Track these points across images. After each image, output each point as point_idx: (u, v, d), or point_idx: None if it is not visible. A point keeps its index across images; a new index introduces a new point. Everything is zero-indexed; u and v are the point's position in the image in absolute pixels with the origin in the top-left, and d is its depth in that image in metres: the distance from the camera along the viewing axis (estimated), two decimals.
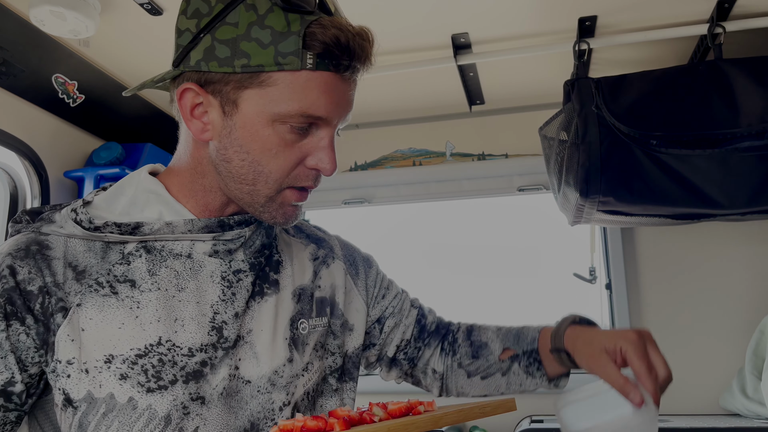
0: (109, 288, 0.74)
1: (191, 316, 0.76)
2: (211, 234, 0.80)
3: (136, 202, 0.80)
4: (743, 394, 1.64)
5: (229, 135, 0.75)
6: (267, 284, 0.85)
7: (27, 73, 1.48)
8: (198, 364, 0.75)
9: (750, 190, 1.32)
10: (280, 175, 0.76)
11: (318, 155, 0.76)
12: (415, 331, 1.03)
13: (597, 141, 1.38)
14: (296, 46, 0.70)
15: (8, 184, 1.69)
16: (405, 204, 2.19)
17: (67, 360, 0.71)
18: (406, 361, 1.04)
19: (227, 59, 0.72)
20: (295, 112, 0.73)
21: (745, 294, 1.82)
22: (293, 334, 0.84)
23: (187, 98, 0.76)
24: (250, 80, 0.72)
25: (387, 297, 1.03)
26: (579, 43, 1.49)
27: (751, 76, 1.34)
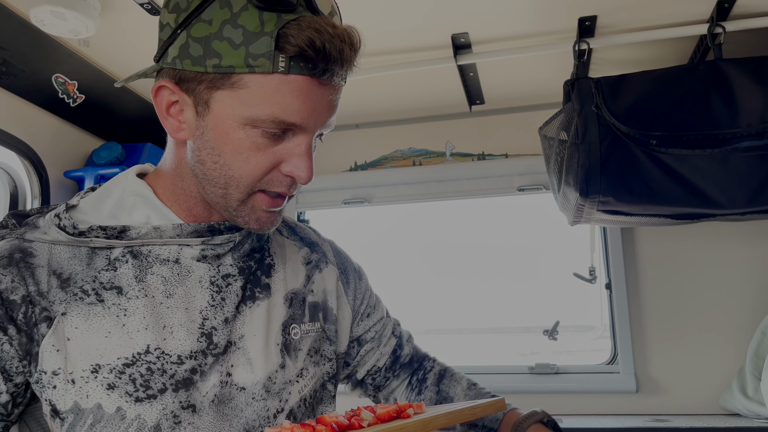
0: (95, 296, 0.72)
1: (180, 323, 0.74)
2: (200, 239, 0.78)
3: (122, 206, 0.78)
4: (743, 394, 1.64)
5: (202, 136, 0.73)
6: (258, 288, 0.83)
7: (27, 73, 1.48)
8: (187, 371, 0.73)
9: (750, 190, 1.32)
10: (251, 180, 0.73)
11: (293, 162, 0.73)
12: (389, 361, 1.03)
13: (597, 141, 1.38)
14: (268, 47, 0.67)
15: (8, 184, 1.69)
16: (405, 204, 2.19)
17: (52, 371, 0.69)
18: (372, 387, 1.04)
19: (200, 58, 0.69)
20: (267, 117, 0.69)
21: (745, 294, 1.82)
22: (285, 339, 0.82)
23: (162, 96, 0.75)
24: (221, 81, 0.69)
25: (372, 317, 1.01)
26: (579, 43, 1.49)
27: (751, 76, 1.34)
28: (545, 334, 2.00)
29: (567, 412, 1.88)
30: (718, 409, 1.78)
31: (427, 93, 1.91)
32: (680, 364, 1.84)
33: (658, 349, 1.86)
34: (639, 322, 1.88)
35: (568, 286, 2.08)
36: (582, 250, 2.03)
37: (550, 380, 1.93)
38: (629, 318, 1.87)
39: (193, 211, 0.80)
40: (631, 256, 1.91)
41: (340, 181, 2.16)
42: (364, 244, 2.47)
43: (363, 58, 1.63)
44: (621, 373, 1.86)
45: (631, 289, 1.90)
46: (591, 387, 1.89)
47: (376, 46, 1.57)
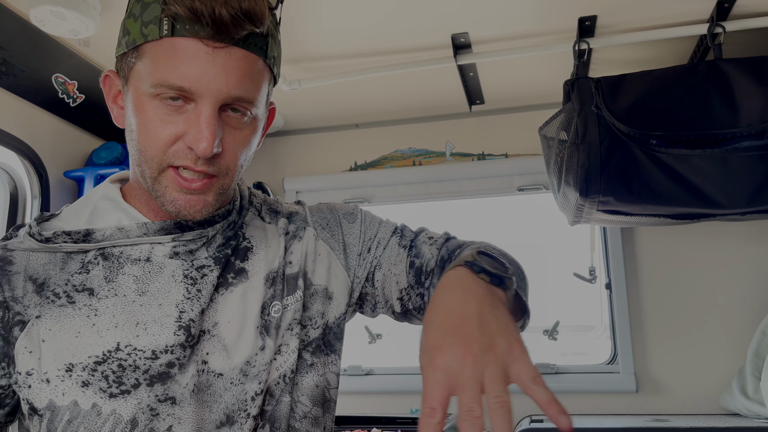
0: (66, 298, 0.75)
1: (153, 319, 0.75)
2: (170, 236, 0.78)
3: (96, 211, 0.80)
4: (743, 394, 1.64)
5: (126, 114, 0.76)
6: (232, 273, 0.82)
7: (27, 73, 1.48)
8: (164, 365, 0.74)
9: (750, 190, 1.32)
10: (156, 152, 0.72)
11: (192, 132, 0.70)
12: (411, 278, 0.88)
13: (597, 141, 1.38)
14: (155, 13, 0.69)
15: (8, 184, 1.69)
16: (405, 204, 2.19)
17: (26, 371, 0.72)
18: (417, 312, 0.89)
19: (120, 40, 0.74)
20: (159, 81, 0.69)
21: (745, 294, 1.82)
22: (265, 321, 0.81)
23: (108, 85, 0.78)
24: (132, 56, 0.72)
25: (372, 249, 0.92)
26: (579, 42, 1.49)
27: (751, 76, 1.34)
28: (545, 334, 2.00)
29: (567, 411, 1.88)
30: (718, 409, 1.78)
31: (427, 93, 1.91)
32: (680, 364, 1.84)
33: (658, 349, 1.86)
34: (639, 322, 1.88)
35: (568, 286, 2.08)
36: (582, 250, 2.03)
37: (550, 380, 1.93)
38: (629, 318, 1.87)
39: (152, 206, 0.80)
40: (631, 256, 1.91)
41: (340, 181, 2.16)
42: None
43: (364, 58, 1.64)
44: (621, 373, 1.86)
45: (631, 289, 1.90)
46: (591, 387, 1.89)
47: (376, 46, 1.57)
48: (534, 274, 2.44)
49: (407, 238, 0.93)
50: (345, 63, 1.66)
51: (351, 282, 0.91)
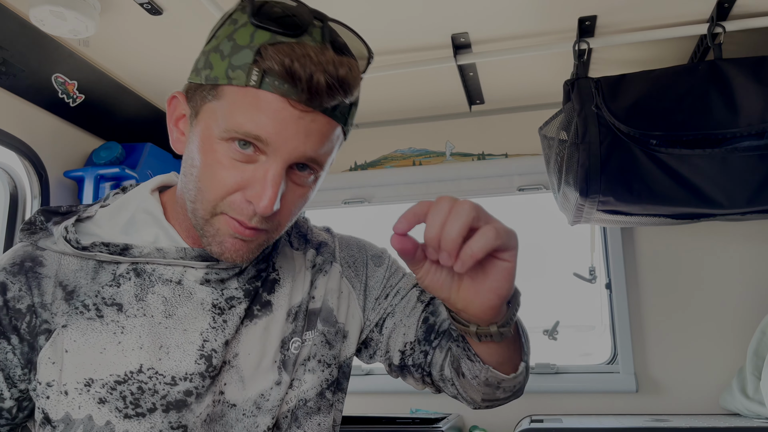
0: (95, 311, 0.73)
1: (177, 344, 0.74)
2: (205, 263, 0.77)
3: (133, 222, 0.79)
4: (743, 394, 1.64)
5: (189, 147, 0.73)
6: (258, 306, 0.81)
7: (27, 73, 1.48)
8: (181, 393, 0.73)
9: (750, 190, 1.32)
10: (214, 195, 0.69)
11: (255, 187, 0.68)
12: (420, 333, 0.88)
13: (597, 141, 1.38)
14: (246, 60, 0.66)
15: (8, 184, 1.69)
16: (405, 204, 2.19)
17: (46, 382, 0.71)
18: (416, 369, 0.89)
19: (200, 70, 0.71)
20: (235, 127, 0.67)
21: (745, 294, 1.82)
22: (284, 356, 0.80)
23: (173, 106, 0.76)
24: (209, 92, 0.70)
25: (390, 296, 0.92)
26: (579, 42, 1.49)
27: (751, 75, 1.34)
28: (545, 334, 2.00)
29: (567, 412, 1.88)
30: (718, 409, 1.78)
31: (427, 93, 1.91)
32: (680, 364, 1.84)
33: (658, 349, 1.86)
34: (639, 322, 1.88)
35: (568, 286, 2.08)
36: (582, 249, 2.03)
37: (550, 380, 1.93)
38: (629, 318, 1.87)
39: (191, 233, 0.79)
40: (631, 256, 1.91)
41: (340, 181, 2.16)
42: None
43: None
44: (621, 373, 1.86)
45: (631, 288, 1.90)
46: (591, 387, 1.89)
47: (376, 46, 1.57)
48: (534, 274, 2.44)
49: (428, 295, 0.92)
50: None
51: (363, 324, 0.91)
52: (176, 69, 1.64)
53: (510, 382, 0.81)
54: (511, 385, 0.82)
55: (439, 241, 0.59)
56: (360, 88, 0.72)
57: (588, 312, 2.12)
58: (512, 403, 1.91)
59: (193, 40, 1.49)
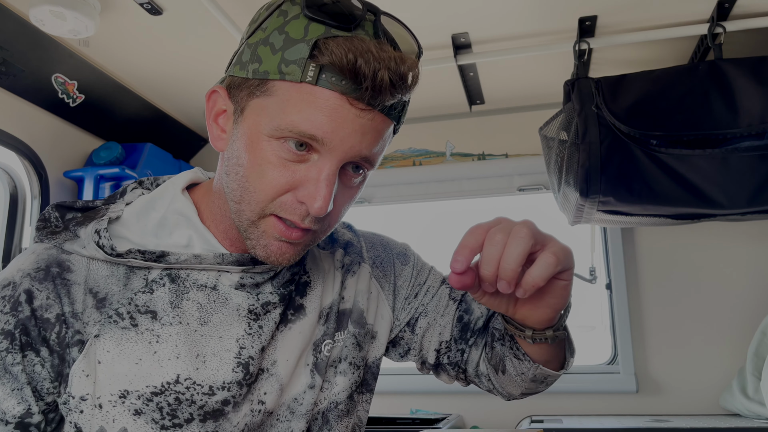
0: (129, 320, 0.70)
1: (213, 352, 0.71)
2: (241, 267, 0.74)
3: (165, 224, 0.74)
4: (743, 394, 1.64)
5: (233, 144, 0.69)
6: (292, 310, 0.78)
7: (27, 73, 1.48)
8: (219, 402, 0.70)
9: (750, 190, 1.32)
10: (263, 196, 0.66)
11: (309, 187, 0.65)
12: (456, 332, 0.89)
13: (597, 141, 1.38)
14: (301, 54, 0.63)
15: (8, 184, 1.69)
16: (405, 204, 2.19)
17: (80, 396, 0.67)
18: (452, 367, 0.91)
19: (245, 63, 0.67)
20: (288, 125, 0.63)
21: (745, 294, 1.82)
22: (316, 358, 0.79)
23: (213, 101, 0.72)
24: (258, 88, 0.66)
25: (419, 295, 0.92)
26: (579, 43, 1.49)
27: (751, 76, 1.34)
28: None
29: (567, 412, 1.88)
30: (718, 410, 1.78)
31: (427, 93, 1.91)
32: (680, 364, 1.84)
33: (658, 349, 1.86)
34: (639, 322, 1.88)
35: None
36: (582, 250, 2.03)
37: None
38: (629, 318, 1.87)
39: (228, 234, 0.75)
40: (631, 256, 1.91)
41: None
42: None
43: None
44: (621, 373, 1.86)
45: (631, 289, 1.90)
46: (591, 387, 1.89)
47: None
48: None
49: (456, 291, 0.92)
50: None
51: (392, 324, 0.90)
52: (176, 69, 1.64)
53: (556, 377, 0.83)
54: (556, 379, 0.84)
55: (496, 276, 0.60)
56: None
57: (588, 312, 2.11)
58: (512, 403, 1.91)
59: (193, 40, 1.49)
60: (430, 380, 2.01)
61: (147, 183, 0.81)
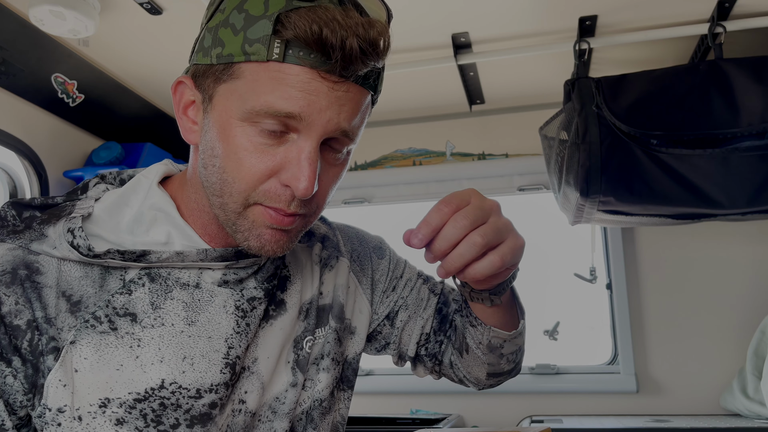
0: (108, 323, 0.65)
1: (202, 353, 0.67)
2: (224, 263, 0.70)
3: (141, 220, 0.70)
4: (744, 394, 1.64)
5: (205, 135, 0.66)
6: (273, 305, 0.76)
7: (26, 72, 1.48)
8: (206, 406, 0.67)
9: (750, 190, 1.32)
10: (244, 185, 0.63)
11: (291, 169, 0.62)
12: (435, 323, 0.90)
13: (597, 141, 1.38)
14: (264, 32, 0.59)
15: (8, 184, 1.69)
16: (405, 204, 2.18)
17: (57, 408, 0.62)
18: (429, 358, 0.91)
19: (208, 49, 0.63)
20: (261, 107, 0.60)
21: (745, 294, 1.82)
22: (297, 355, 0.76)
23: (180, 93, 0.68)
24: (224, 72, 0.62)
25: (398, 288, 0.91)
26: (579, 42, 1.49)
27: (752, 75, 1.34)
28: (545, 334, 2.00)
29: (567, 412, 1.88)
30: (718, 409, 1.78)
31: (427, 93, 1.91)
32: (680, 364, 1.84)
33: (658, 349, 1.85)
34: (639, 322, 1.88)
35: (568, 286, 2.08)
36: (582, 250, 2.03)
37: (550, 380, 1.92)
38: (629, 318, 1.87)
39: (208, 229, 0.72)
40: (631, 256, 1.91)
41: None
42: None
43: None
44: (621, 373, 1.86)
45: (631, 289, 1.90)
46: (591, 387, 1.89)
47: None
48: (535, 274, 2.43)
49: (438, 286, 0.94)
50: None
51: (371, 318, 0.89)
52: (176, 69, 1.64)
53: (512, 344, 0.84)
54: (513, 349, 0.86)
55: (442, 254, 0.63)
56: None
57: (588, 312, 2.11)
58: (512, 404, 1.91)
59: (193, 40, 1.49)
60: (430, 380, 2.00)
61: (110, 178, 0.77)
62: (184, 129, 0.69)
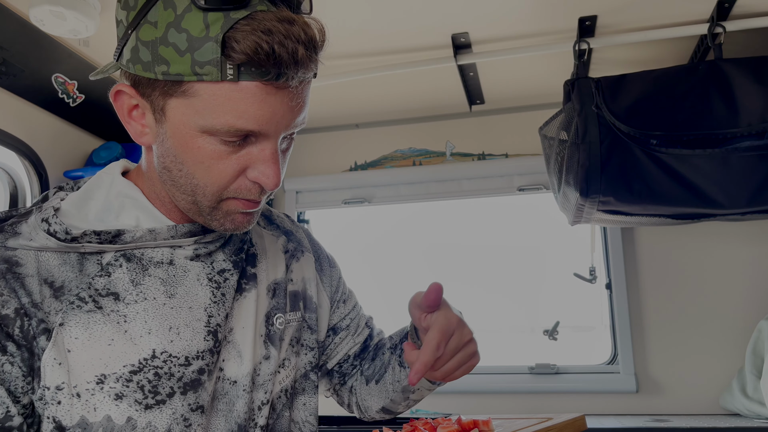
0: (92, 303, 0.68)
1: (185, 323, 0.72)
2: (193, 238, 0.76)
3: (109, 208, 0.74)
4: (743, 394, 1.64)
5: (163, 143, 0.69)
6: (245, 279, 0.81)
7: (27, 72, 1.48)
8: (195, 372, 0.71)
9: (750, 190, 1.32)
10: (216, 188, 0.69)
11: (258, 168, 0.68)
12: (358, 349, 1.00)
13: (597, 141, 1.38)
14: (213, 54, 0.61)
15: (8, 184, 1.69)
16: (405, 204, 2.19)
17: (56, 386, 0.66)
18: (338, 377, 1.01)
19: (149, 64, 0.64)
20: (222, 126, 0.64)
21: (745, 294, 1.82)
22: (268, 330, 0.82)
23: (122, 99, 0.70)
24: (173, 88, 0.65)
25: (347, 304, 1.00)
26: (579, 42, 1.49)
27: (751, 75, 1.34)
28: (545, 334, 2.00)
29: (567, 412, 1.88)
30: (718, 409, 1.78)
31: (427, 93, 1.91)
32: (680, 364, 1.84)
33: (658, 349, 1.86)
34: (639, 322, 1.88)
35: (568, 286, 2.08)
36: (582, 250, 2.03)
37: (550, 380, 1.93)
38: (629, 318, 1.87)
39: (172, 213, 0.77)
40: (631, 256, 1.91)
41: (340, 181, 2.16)
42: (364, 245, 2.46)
43: (364, 58, 1.64)
44: (621, 373, 1.86)
45: (631, 289, 1.90)
46: (591, 387, 1.89)
47: (376, 46, 1.57)
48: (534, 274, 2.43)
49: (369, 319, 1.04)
50: (345, 63, 1.66)
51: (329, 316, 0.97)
52: None
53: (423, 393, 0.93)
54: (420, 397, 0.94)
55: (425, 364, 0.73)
56: None
57: (588, 312, 2.12)
58: (512, 403, 1.91)
59: None
60: None
61: (67, 188, 0.81)
62: (134, 133, 0.72)
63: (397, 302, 2.55)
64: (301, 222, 2.28)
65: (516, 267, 2.27)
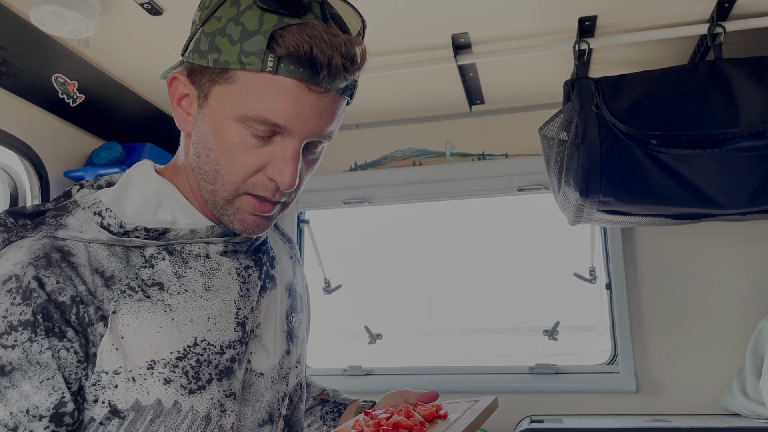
0: (141, 293, 0.73)
1: (220, 314, 0.77)
2: (224, 237, 0.80)
3: (146, 204, 0.77)
4: (743, 394, 1.64)
5: (199, 129, 0.75)
6: (268, 279, 0.86)
7: (27, 73, 1.48)
8: (228, 360, 0.76)
9: (750, 190, 1.32)
10: (236, 178, 0.73)
11: (277, 165, 0.72)
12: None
13: (597, 141, 1.38)
14: (260, 46, 0.68)
15: (8, 184, 1.69)
16: (405, 204, 2.19)
17: (113, 370, 0.69)
18: None
19: (204, 52, 0.71)
20: (252, 114, 0.69)
21: (744, 294, 1.82)
22: (288, 327, 0.88)
23: (175, 86, 0.77)
24: (219, 76, 0.71)
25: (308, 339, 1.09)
26: (579, 43, 1.49)
27: (751, 76, 1.34)
28: (545, 334, 2.00)
29: (567, 412, 1.88)
30: (718, 409, 1.78)
31: (427, 93, 1.91)
32: (680, 364, 1.84)
33: (658, 349, 1.86)
34: (639, 322, 1.88)
35: (568, 286, 2.08)
36: (582, 250, 2.03)
37: (550, 380, 1.93)
38: (629, 318, 1.87)
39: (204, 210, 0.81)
40: (631, 256, 1.91)
41: (340, 181, 2.16)
42: (364, 245, 2.46)
43: None
44: (621, 373, 1.86)
45: (631, 289, 1.90)
46: (591, 387, 1.89)
47: (376, 46, 1.57)
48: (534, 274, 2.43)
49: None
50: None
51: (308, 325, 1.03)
52: None
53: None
54: None
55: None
56: None
57: (588, 312, 2.12)
58: (512, 404, 1.91)
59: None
60: (430, 381, 2.01)
61: (87, 185, 0.83)
62: (179, 119, 0.78)
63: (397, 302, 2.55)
64: (301, 222, 2.28)
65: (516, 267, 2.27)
